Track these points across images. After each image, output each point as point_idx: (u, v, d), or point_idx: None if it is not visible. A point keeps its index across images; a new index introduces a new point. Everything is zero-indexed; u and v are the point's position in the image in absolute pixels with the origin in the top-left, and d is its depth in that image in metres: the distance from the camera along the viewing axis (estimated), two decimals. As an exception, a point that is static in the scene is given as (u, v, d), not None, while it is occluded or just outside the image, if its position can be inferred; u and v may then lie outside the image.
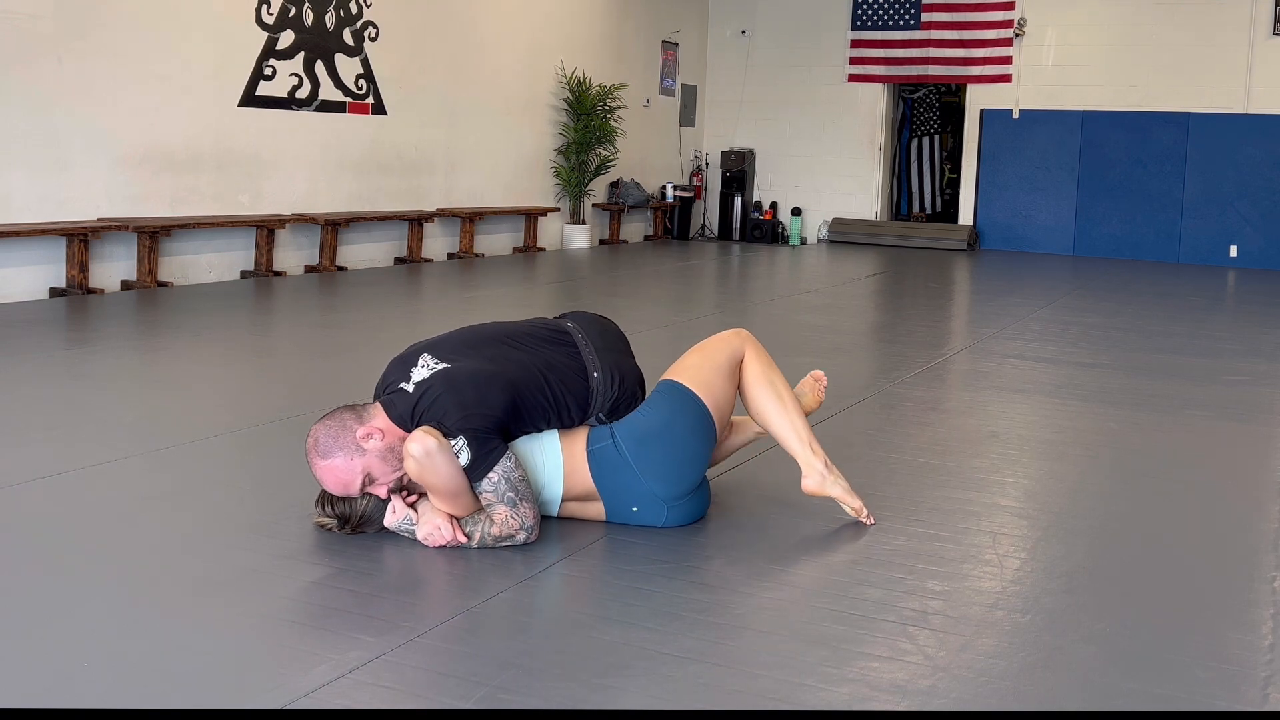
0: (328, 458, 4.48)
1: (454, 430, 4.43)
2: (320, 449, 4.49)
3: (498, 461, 4.47)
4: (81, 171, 11.41)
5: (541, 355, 4.82)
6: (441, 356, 4.67)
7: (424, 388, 4.54)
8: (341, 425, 4.52)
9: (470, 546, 4.51)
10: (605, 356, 4.93)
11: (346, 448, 4.47)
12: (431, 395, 4.50)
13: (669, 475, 4.76)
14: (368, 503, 4.62)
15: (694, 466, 4.83)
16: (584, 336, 4.97)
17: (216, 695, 3.33)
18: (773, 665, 3.64)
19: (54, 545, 4.48)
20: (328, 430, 4.51)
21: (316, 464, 4.50)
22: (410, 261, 15.37)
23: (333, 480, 4.50)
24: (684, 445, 4.77)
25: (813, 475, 4.97)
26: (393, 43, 15.07)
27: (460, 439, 4.42)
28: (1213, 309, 13.52)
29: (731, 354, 4.94)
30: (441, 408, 4.47)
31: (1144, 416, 7.47)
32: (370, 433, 4.50)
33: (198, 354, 8.62)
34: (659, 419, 4.76)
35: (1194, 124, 19.30)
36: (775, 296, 13.76)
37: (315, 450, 4.50)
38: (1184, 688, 3.57)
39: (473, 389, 4.52)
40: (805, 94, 21.84)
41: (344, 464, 4.47)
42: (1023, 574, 4.51)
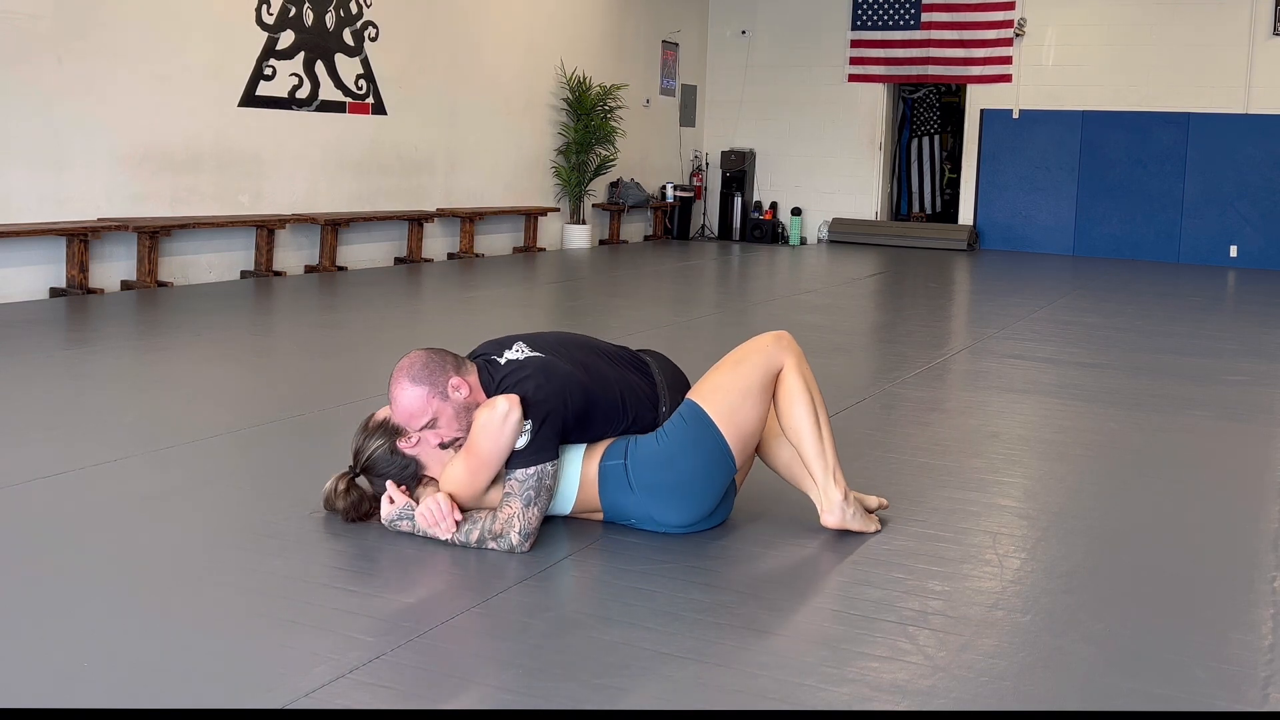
0: (416, 384, 4.55)
1: (529, 410, 4.47)
2: (413, 373, 4.57)
3: (546, 460, 4.51)
4: (81, 171, 11.41)
5: (625, 377, 4.87)
6: (536, 348, 4.72)
7: (516, 365, 4.61)
8: (442, 363, 4.61)
9: (457, 539, 4.50)
10: (673, 395, 4.94)
11: (437, 385, 4.56)
12: (522, 373, 4.56)
13: (671, 506, 4.72)
14: (377, 450, 4.68)
15: (700, 501, 4.75)
16: (659, 370, 5.02)
17: (216, 695, 3.33)
18: (772, 665, 3.64)
19: (54, 545, 4.48)
20: (428, 360, 4.61)
21: (401, 384, 4.56)
22: (410, 261, 15.37)
23: (406, 403, 4.56)
24: (692, 479, 4.70)
25: (833, 511, 4.83)
26: (393, 43, 15.07)
27: (527, 422, 4.46)
28: (1213, 309, 13.52)
29: (767, 370, 4.76)
30: (527, 386, 4.52)
31: (1144, 416, 7.47)
32: (461, 384, 4.58)
33: (198, 354, 8.62)
34: (671, 449, 4.68)
35: (1194, 124, 19.30)
36: (775, 296, 13.76)
37: (408, 372, 4.58)
38: (1184, 688, 3.57)
39: (560, 383, 4.57)
40: (805, 94, 21.84)
41: (425, 397, 4.55)
42: (1023, 574, 4.51)
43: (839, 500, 4.83)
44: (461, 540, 4.52)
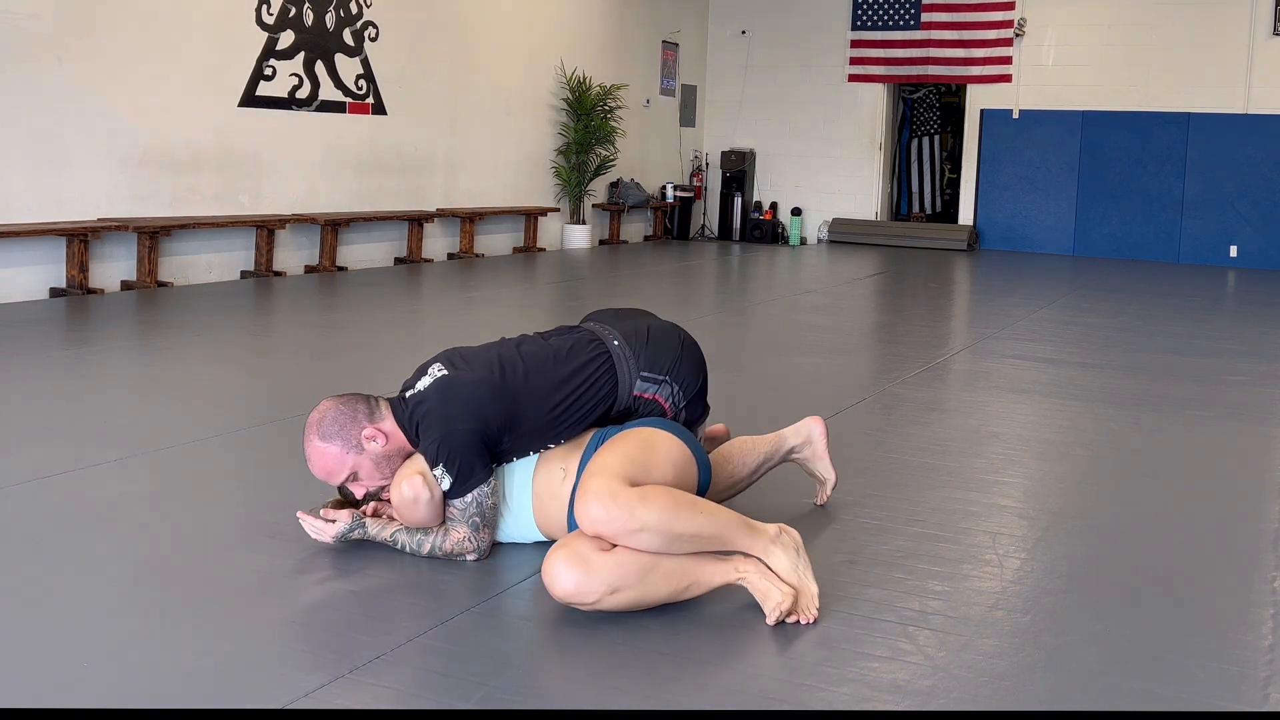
0: (327, 441, 4.36)
1: (437, 455, 4.29)
2: (322, 430, 4.37)
3: (475, 488, 4.34)
4: (81, 171, 11.41)
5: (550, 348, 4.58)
6: (452, 364, 4.48)
7: (419, 398, 4.41)
8: (353, 415, 4.40)
9: (409, 545, 4.41)
10: (622, 325, 4.75)
11: (348, 440, 4.36)
12: (424, 407, 4.37)
13: None
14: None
15: None
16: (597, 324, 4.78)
17: (216, 695, 3.33)
18: (772, 665, 3.64)
19: (53, 545, 4.48)
20: (337, 414, 4.39)
21: (313, 442, 4.38)
22: (410, 262, 15.37)
23: (320, 463, 4.39)
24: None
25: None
26: (393, 43, 15.07)
27: (440, 467, 4.30)
28: (1213, 309, 13.52)
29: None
30: (428, 422, 4.34)
31: (1144, 416, 7.47)
32: (375, 435, 4.39)
33: (197, 354, 8.62)
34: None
35: (1194, 124, 19.29)
36: (775, 297, 13.76)
37: (317, 429, 4.38)
38: (1184, 687, 3.57)
39: (463, 402, 4.33)
40: (805, 94, 21.84)
41: (338, 454, 4.36)
42: (1023, 574, 4.51)
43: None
44: (412, 548, 4.42)
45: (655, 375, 4.62)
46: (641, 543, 3.87)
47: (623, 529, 3.85)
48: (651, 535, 3.86)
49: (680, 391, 4.66)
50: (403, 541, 4.42)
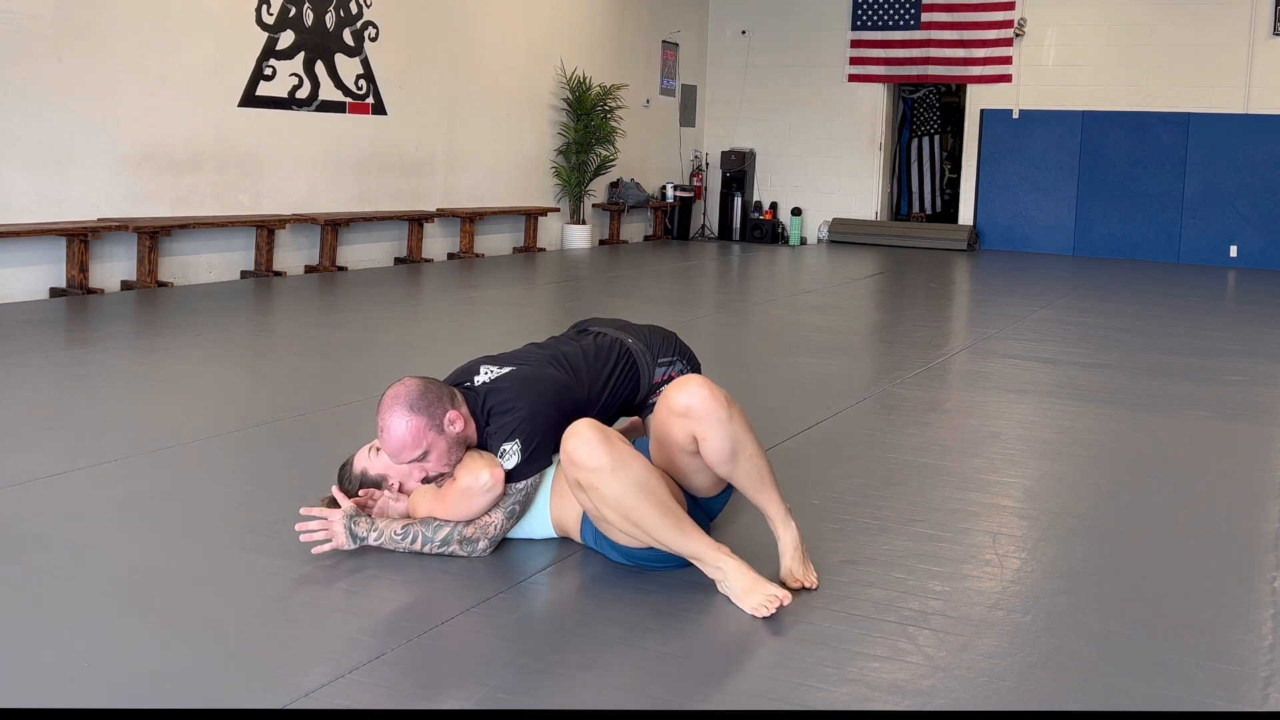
0: (416, 413, 4.30)
1: (515, 432, 4.38)
2: (413, 402, 4.32)
3: (538, 471, 4.45)
4: (81, 171, 11.41)
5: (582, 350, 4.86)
6: (503, 363, 4.65)
7: (490, 387, 4.52)
8: (439, 394, 4.39)
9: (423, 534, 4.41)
10: (625, 327, 5.08)
11: (434, 417, 4.32)
12: (503, 395, 4.47)
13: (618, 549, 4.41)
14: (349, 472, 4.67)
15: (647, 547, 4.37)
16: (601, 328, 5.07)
17: (216, 695, 3.33)
18: (773, 665, 3.64)
19: (53, 545, 4.47)
20: (426, 390, 4.37)
21: (399, 412, 4.31)
22: (410, 262, 15.37)
23: (400, 435, 4.31)
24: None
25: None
26: (393, 43, 15.07)
27: (515, 443, 4.36)
28: (1213, 309, 13.52)
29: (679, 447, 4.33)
30: (509, 405, 4.44)
31: (1144, 416, 7.47)
32: (456, 418, 4.38)
33: (198, 354, 8.62)
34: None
35: (1194, 124, 19.29)
36: (775, 297, 13.76)
37: (406, 400, 4.32)
38: (1184, 688, 3.57)
39: (544, 389, 4.52)
40: (805, 94, 21.83)
41: (422, 429, 4.31)
42: (1023, 574, 4.51)
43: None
44: (425, 537, 4.41)
45: (667, 358, 5.01)
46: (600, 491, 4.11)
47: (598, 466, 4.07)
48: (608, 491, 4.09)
49: (688, 366, 5.06)
50: (415, 532, 4.42)
